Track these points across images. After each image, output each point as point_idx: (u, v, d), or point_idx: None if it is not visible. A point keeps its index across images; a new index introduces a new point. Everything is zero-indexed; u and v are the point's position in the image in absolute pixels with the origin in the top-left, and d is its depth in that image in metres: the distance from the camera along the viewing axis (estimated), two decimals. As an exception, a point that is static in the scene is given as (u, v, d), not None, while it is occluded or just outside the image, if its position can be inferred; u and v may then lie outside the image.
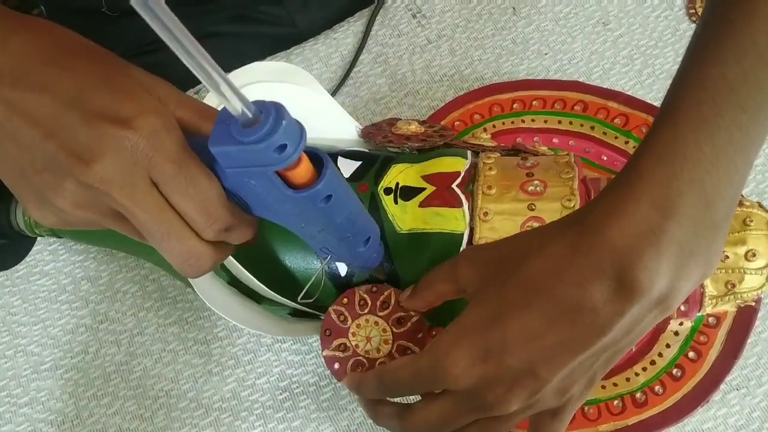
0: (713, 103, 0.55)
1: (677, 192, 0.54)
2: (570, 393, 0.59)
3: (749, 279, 0.72)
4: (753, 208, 0.73)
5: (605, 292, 0.54)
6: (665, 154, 0.55)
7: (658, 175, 0.55)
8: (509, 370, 0.57)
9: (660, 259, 0.54)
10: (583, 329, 0.55)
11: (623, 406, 0.73)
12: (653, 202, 0.54)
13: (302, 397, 0.79)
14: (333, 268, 0.72)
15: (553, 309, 0.56)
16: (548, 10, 0.97)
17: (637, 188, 0.55)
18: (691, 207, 0.54)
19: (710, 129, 0.55)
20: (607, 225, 0.55)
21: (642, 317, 0.55)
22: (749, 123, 0.56)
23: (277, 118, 0.50)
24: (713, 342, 0.75)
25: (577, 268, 0.55)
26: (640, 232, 0.54)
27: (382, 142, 0.78)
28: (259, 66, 0.80)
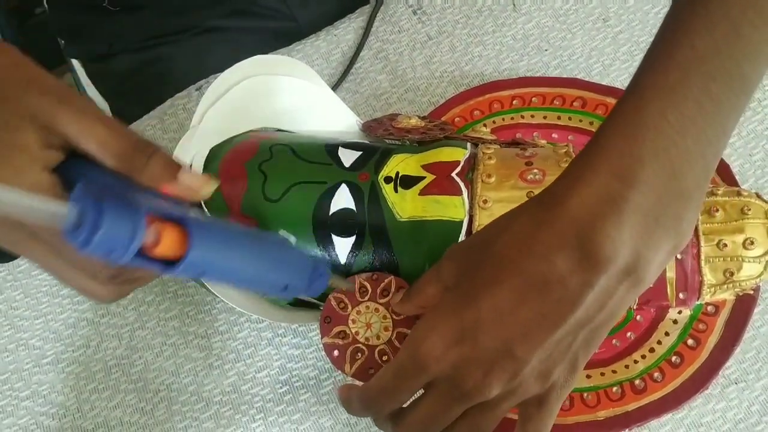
0: (681, 72, 0.55)
1: (639, 161, 0.54)
2: (552, 377, 0.59)
3: (747, 267, 0.72)
4: (751, 197, 0.74)
5: (570, 262, 0.54)
6: (628, 123, 0.55)
7: (620, 144, 0.54)
8: (485, 350, 0.57)
9: (622, 227, 0.53)
10: (553, 303, 0.55)
11: (622, 392, 0.73)
12: (613, 171, 0.54)
13: (302, 390, 0.79)
14: (333, 256, 0.72)
15: (521, 284, 0.56)
16: (548, 6, 0.97)
17: (598, 158, 0.55)
18: (654, 176, 0.54)
19: (677, 98, 0.54)
20: (568, 196, 0.55)
21: (613, 289, 0.55)
22: (721, 93, 0.55)
23: (93, 225, 0.47)
24: (712, 330, 0.75)
25: (541, 241, 0.55)
26: (601, 200, 0.54)
27: (383, 135, 0.79)
28: (261, 59, 0.81)
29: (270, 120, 0.81)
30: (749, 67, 0.56)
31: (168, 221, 0.51)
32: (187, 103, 0.95)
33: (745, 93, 0.57)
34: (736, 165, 0.85)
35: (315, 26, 1.01)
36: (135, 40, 1.07)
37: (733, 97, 0.56)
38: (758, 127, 0.87)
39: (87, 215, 0.47)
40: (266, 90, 0.80)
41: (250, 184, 0.73)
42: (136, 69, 1.09)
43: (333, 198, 0.72)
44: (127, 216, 0.48)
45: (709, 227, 0.72)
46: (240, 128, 0.79)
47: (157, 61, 1.07)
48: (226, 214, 0.73)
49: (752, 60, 0.56)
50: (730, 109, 0.56)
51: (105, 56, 1.10)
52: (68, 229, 0.47)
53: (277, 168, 0.74)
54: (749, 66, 0.56)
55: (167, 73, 1.06)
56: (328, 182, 0.73)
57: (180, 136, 0.91)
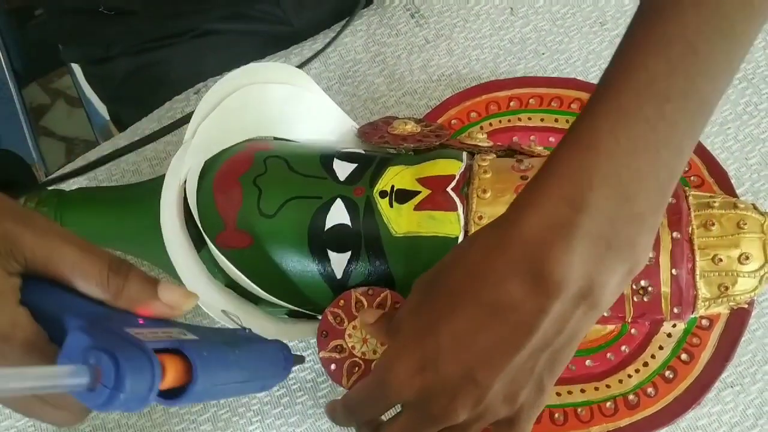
0: (634, 94, 0.54)
1: (588, 185, 0.53)
2: (519, 399, 0.59)
3: (742, 282, 0.72)
4: (747, 210, 0.74)
5: (523, 288, 0.54)
6: (579, 148, 0.54)
7: (570, 169, 0.54)
8: (447, 378, 0.57)
9: (572, 253, 0.53)
10: (509, 328, 0.55)
11: (615, 407, 0.73)
12: (563, 197, 0.53)
13: (299, 393, 0.79)
14: (329, 271, 0.72)
15: (478, 311, 0.56)
16: (545, 10, 0.97)
17: (549, 183, 0.54)
18: (604, 200, 0.53)
19: (629, 121, 0.54)
20: (519, 222, 0.54)
21: (568, 313, 0.55)
22: (676, 113, 0.54)
23: (117, 382, 0.45)
24: (706, 344, 0.75)
25: (493, 268, 0.55)
26: (550, 225, 0.53)
27: (379, 143, 0.79)
28: (256, 67, 0.80)
29: (265, 129, 0.81)
30: (706, 84, 0.55)
31: (167, 353, 0.49)
32: (185, 107, 0.95)
33: (703, 111, 0.56)
34: (732, 169, 0.85)
35: (311, 30, 1.01)
36: (132, 43, 1.07)
37: (689, 116, 0.55)
38: (754, 131, 0.87)
39: (105, 375, 0.44)
40: (260, 99, 0.80)
41: (245, 199, 0.73)
42: (134, 73, 1.08)
43: (328, 213, 0.72)
44: (144, 365, 0.46)
45: (704, 241, 0.72)
46: (235, 139, 0.79)
47: (155, 65, 1.07)
48: (221, 229, 0.73)
49: (709, 77, 0.55)
50: (686, 129, 0.55)
51: (102, 60, 1.10)
52: (83, 391, 0.45)
53: (272, 182, 0.74)
54: (706, 84, 0.55)
55: (164, 76, 1.06)
56: (323, 197, 0.73)
57: (178, 140, 0.91)
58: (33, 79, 1.80)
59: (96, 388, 0.45)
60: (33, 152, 1.25)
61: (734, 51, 0.56)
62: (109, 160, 0.76)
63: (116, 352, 0.44)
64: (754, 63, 0.91)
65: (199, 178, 0.75)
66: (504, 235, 0.55)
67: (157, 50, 1.07)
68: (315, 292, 0.73)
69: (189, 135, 0.76)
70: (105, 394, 0.44)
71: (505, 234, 0.55)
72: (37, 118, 2.02)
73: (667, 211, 0.72)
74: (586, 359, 0.75)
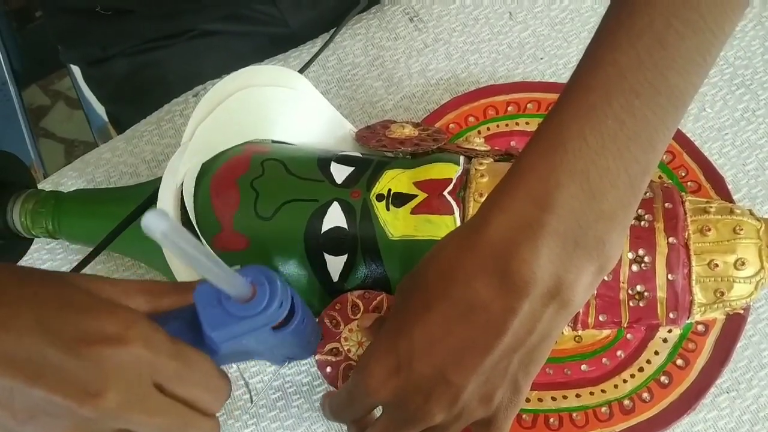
0: (602, 90, 0.53)
1: (556, 184, 0.53)
2: (495, 400, 0.59)
3: (738, 287, 0.72)
4: (744, 216, 0.74)
5: (491, 288, 0.54)
6: (547, 146, 0.54)
7: (538, 167, 0.54)
8: (421, 378, 0.57)
9: (538, 252, 0.53)
10: (479, 328, 0.55)
11: (611, 412, 0.73)
12: (530, 196, 0.53)
13: (295, 396, 0.79)
14: (325, 274, 0.72)
15: (449, 311, 0.56)
16: (544, 15, 0.97)
17: (516, 183, 0.54)
18: (572, 199, 0.53)
19: (596, 118, 0.53)
20: (487, 222, 0.55)
21: (538, 313, 0.55)
22: (646, 108, 0.54)
23: (272, 286, 0.54)
24: (701, 349, 0.75)
25: (463, 268, 0.55)
26: (517, 225, 0.53)
27: (376, 146, 0.79)
28: (255, 70, 0.80)
29: (263, 132, 0.81)
30: (677, 78, 0.54)
31: None
32: (184, 109, 0.95)
33: (675, 105, 0.55)
34: (729, 174, 0.85)
35: (308, 31, 1.01)
36: (129, 44, 1.07)
37: (660, 111, 0.54)
38: (752, 136, 0.87)
39: (261, 281, 0.55)
40: (258, 102, 0.80)
41: (242, 202, 0.73)
42: (132, 73, 1.08)
43: (325, 216, 0.72)
44: (277, 276, 0.55)
45: (700, 246, 0.72)
46: (232, 141, 0.79)
47: (153, 66, 1.07)
48: (218, 231, 0.73)
49: (680, 70, 0.54)
50: (657, 123, 0.54)
51: (100, 61, 1.10)
52: (246, 299, 0.54)
53: (269, 185, 0.74)
54: (677, 77, 0.54)
55: (163, 77, 1.06)
56: (320, 200, 0.73)
57: (177, 141, 0.91)
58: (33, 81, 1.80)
59: (255, 295, 0.54)
60: (32, 153, 1.26)
61: (706, 45, 0.55)
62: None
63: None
64: (752, 69, 0.91)
65: (197, 181, 0.76)
66: (473, 235, 0.55)
67: (154, 51, 1.07)
68: (311, 296, 0.73)
69: (187, 137, 0.76)
70: (266, 294, 0.54)
71: (474, 234, 0.55)
72: (36, 120, 2.03)
73: (663, 216, 0.73)
74: (581, 364, 0.75)
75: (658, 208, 0.73)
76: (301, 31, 1.04)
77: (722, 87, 0.90)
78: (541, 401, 0.75)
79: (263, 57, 0.98)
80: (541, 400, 0.75)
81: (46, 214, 0.79)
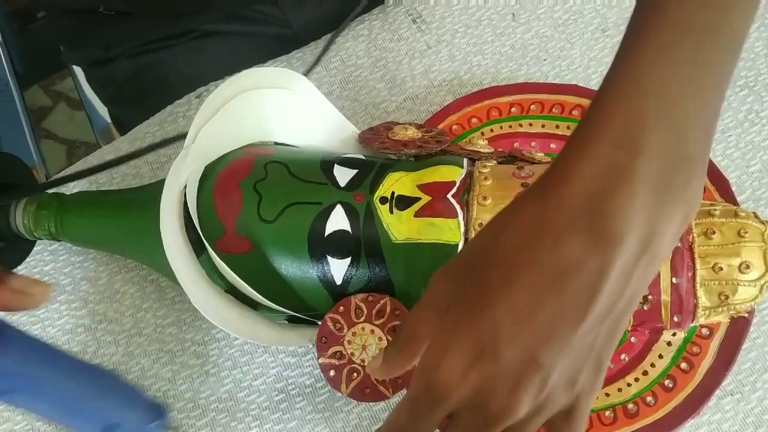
0: (674, 31, 0.52)
1: (642, 129, 0.51)
2: (579, 383, 0.53)
3: (742, 291, 0.72)
4: (748, 219, 0.73)
5: (584, 245, 0.50)
6: (626, 89, 0.52)
7: (621, 111, 0.52)
8: (509, 363, 0.51)
9: (633, 200, 0.50)
10: (573, 294, 0.51)
11: (615, 416, 0.73)
12: (618, 141, 0.51)
13: (298, 398, 0.80)
14: (329, 277, 0.72)
15: (536, 279, 0.51)
16: (547, 16, 0.97)
17: (599, 128, 0.52)
18: (660, 142, 0.51)
19: (673, 59, 0.52)
20: (572, 172, 0.51)
21: (631, 269, 0.51)
22: (714, 49, 0.53)
23: None
24: (706, 353, 0.75)
25: (549, 226, 0.51)
26: (608, 173, 0.51)
27: (379, 148, 0.79)
28: (257, 72, 0.80)
29: (266, 134, 0.81)
30: (737, 19, 0.54)
31: None
32: (187, 111, 0.95)
33: (734, 48, 0.55)
34: (733, 176, 0.85)
35: (310, 32, 1.01)
36: (132, 45, 1.07)
37: (724, 53, 0.54)
38: (756, 138, 0.87)
39: None
40: (261, 104, 0.80)
41: (245, 204, 0.73)
42: (135, 74, 1.09)
43: (328, 219, 0.72)
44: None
45: (705, 249, 0.72)
46: (235, 144, 0.79)
47: (155, 67, 1.07)
48: (221, 234, 0.73)
49: (739, 11, 0.54)
50: (724, 65, 0.54)
51: (103, 62, 1.10)
52: None
53: (272, 188, 0.74)
54: (736, 18, 0.54)
55: (165, 78, 1.06)
56: (323, 203, 0.73)
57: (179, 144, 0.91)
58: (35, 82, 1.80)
59: None
60: (34, 154, 1.26)
61: None
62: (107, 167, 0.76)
63: None
64: (756, 71, 0.91)
65: (200, 183, 0.75)
66: (555, 189, 0.52)
67: (157, 52, 1.07)
68: (314, 298, 0.73)
69: (190, 139, 0.76)
70: None
71: (556, 188, 0.52)
72: (38, 121, 2.03)
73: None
74: (585, 367, 0.75)
75: (662, 211, 0.73)
76: (304, 31, 1.04)
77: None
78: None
79: (266, 57, 0.98)
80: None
81: (48, 215, 0.79)
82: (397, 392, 0.72)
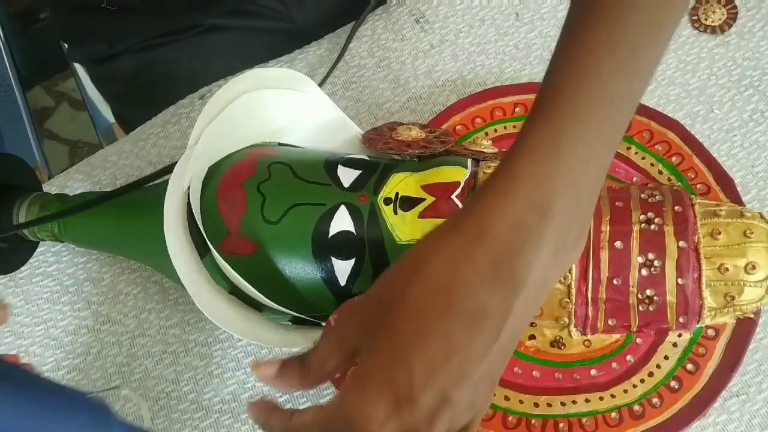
0: (587, 96, 0.55)
1: (552, 192, 0.55)
2: (478, 405, 0.57)
3: (749, 291, 0.72)
4: (754, 219, 0.73)
5: (491, 295, 0.54)
6: (541, 149, 0.55)
7: (535, 174, 0.55)
8: (425, 406, 0.54)
9: (537, 258, 0.54)
10: (481, 337, 0.54)
11: (620, 418, 0.73)
12: (530, 202, 0.55)
13: (302, 399, 0.79)
14: (333, 278, 0.72)
15: (448, 329, 0.54)
16: (551, 15, 0.97)
17: (514, 186, 0.55)
18: (565, 206, 0.55)
19: (583, 124, 0.55)
20: (485, 229, 0.55)
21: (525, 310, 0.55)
22: (618, 115, 0.57)
23: None
24: (712, 354, 0.74)
25: (461, 283, 0.54)
26: (517, 233, 0.54)
27: (383, 149, 0.79)
28: (261, 72, 0.80)
29: (269, 135, 0.81)
30: (639, 86, 0.59)
31: None
32: (190, 112, 0.94)
33: (633, 111, 0.59)
34: (738, 176, 0.84)
35: (313, 27, 1.01)
36: (135, 41, 1.07)
37: (626, 117, 0.58)
38: (761, 138, 0.87)
39: None
40: (264, 104, 0.79)
41: (249, 206, 0.73)
42: (138, 71, 1.09)
43: (332, 220, 0.72)
44: None
45: (710, 250, 0.72)
46: (239, 144, 0.79)
47: (159, 63, 1.07)
48: (225, 235, 0.73)
49: (643, 80, 0.59)
50: (623, 128, 0.58)
51: (107, 59, 1.10)
52: None
53: (276, 189, 0.74)
54: (640, 85, 0.59)
55: (169, 73, 1.06)
56: (327, 204, 0.72)
57: (183, 144, 0.91)
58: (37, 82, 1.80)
59: None
60: (36, 155, 1.26)
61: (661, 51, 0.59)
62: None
63: None
64: (761, 70, 0.90)
65: (203, 185, 0.75)
66: (471, 244, 0.55)
67: (160, 48, 1.07)
68: (318, 299, 0.73)
69: (193, 141, 0.76)
70: None
71: (472, 243, 0.55)
72: (41, 121, 2.03)
73: (673, 219, 0.72)
74: (590, 368, 0.75)
75: (667, 211, 0.73)
76: (306, 27, 1.04)
77: (730, 88, 0.90)
78: (551, 406, 0.74)
79: (269, 52, 0.98)
80: (550, 405, 0.74)
81: (50, 217, 0.79)
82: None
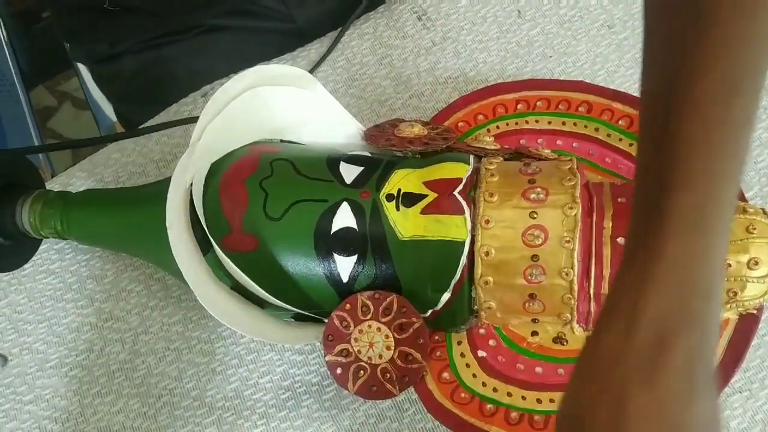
0: (705, 206, 0.52)
1: (712, 273, 0.52)
2: None
3: (751, 287, 0.72)
4: (757, 215, 0.73)
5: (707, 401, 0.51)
6: (690, 232, 0.52)
7: (693, 256, 0.52)
8: None
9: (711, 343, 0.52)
10: None
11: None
12: (695, 288, 0.52)
13: (305, 396, 0.79)
14: (335, 275, 0.72)
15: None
16: (553, 12, 0.97)
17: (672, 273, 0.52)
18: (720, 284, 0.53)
19: (707, 237, 0.52)
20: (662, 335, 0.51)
21: None
22: (738, 177, 0.54)
23: None
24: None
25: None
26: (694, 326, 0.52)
27: (385, 146, 0.79)
28: (264, 69, 0.80)
29: (272, 132, 0.81)
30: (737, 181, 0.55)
31: None
32: (193, 110, 0.95)
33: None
34: (741, 173, 0.84)
35: (314, 27, 1.01)
36: (137, 40, 1.07)
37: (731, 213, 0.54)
38: (763, 134, 0.87)
39: None
40: (267, 101, 0.79)
41: (251, 202, 0.73)
42: (140, 70, 1.09)
43: (335, 216, 0.72)
44: None
45: (712, 246, 0.72)
46: (241, 141, 0.79)
47: (161, 63, 1.07)
48: (227, 232, 0.73)
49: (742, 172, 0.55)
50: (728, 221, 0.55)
51: (109, 58, 1.10)
52: None
53: (278, 185, 0.74)
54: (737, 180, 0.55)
55: (171, 73, 1.06)
56: (329, 200, 0.72)
57: (185, 141, 0.91)
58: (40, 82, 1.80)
59: None
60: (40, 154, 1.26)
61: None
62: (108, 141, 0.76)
63: None
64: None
65: (206, 181, 0.75)
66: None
67: (162, 47, 1.07)
68: (321, 296, 0.73)
69: (195, 137, 0.76)
70: None
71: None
72: (43, 121, 2.03)
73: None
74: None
75: (670, 207, 0.73)
76: (308, 26, 1.04)
77: (733, 85, 0.90)
78: (553, 402, 0.74)
79: (271, 52, 0.98)
80: (553, 401, 0.74)
81: (54, 214, 0.79)
82: (404, 390, 0.72)
